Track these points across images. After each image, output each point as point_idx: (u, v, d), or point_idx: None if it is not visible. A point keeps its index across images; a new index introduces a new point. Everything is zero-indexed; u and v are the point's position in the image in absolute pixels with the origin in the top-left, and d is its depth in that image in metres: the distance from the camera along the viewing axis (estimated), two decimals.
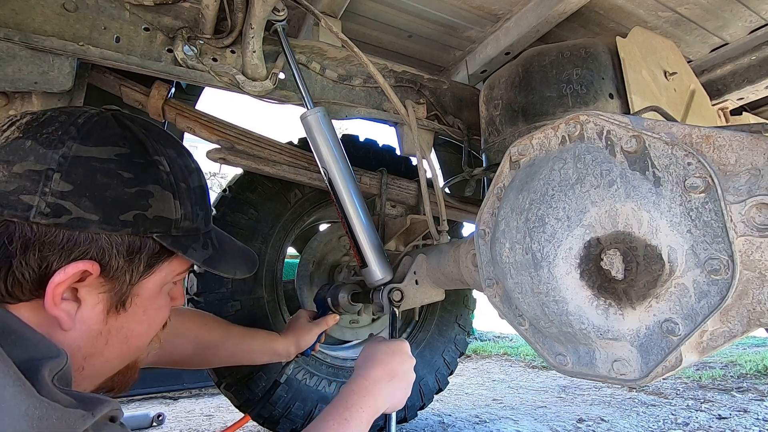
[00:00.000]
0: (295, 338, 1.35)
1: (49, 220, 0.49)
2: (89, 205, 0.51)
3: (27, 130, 0.52)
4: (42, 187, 0.49)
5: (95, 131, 0.54)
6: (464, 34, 1.85)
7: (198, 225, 0.63)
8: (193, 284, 1.66)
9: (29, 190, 0.49)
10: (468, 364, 4.19)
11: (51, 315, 0.50)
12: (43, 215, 0.49)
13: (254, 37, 1.26)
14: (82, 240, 0.51)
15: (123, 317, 0.57)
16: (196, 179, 0.64)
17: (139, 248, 0.55)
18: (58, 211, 0.49)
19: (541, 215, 0.75)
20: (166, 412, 2.35)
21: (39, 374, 0.40)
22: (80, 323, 0.53)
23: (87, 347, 0.54)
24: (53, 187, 0.49)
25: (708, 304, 0.59)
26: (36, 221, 0.48)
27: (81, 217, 0.50)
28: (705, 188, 0.60)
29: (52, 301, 0.50)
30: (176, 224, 0.59)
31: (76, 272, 0.50)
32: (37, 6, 1.09)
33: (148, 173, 0.56)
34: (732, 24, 1.73)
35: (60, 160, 0.50)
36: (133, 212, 0.54)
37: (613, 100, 1.39)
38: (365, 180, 1.73)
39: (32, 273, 0.49)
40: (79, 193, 0.50)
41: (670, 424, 2.21)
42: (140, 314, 0.59)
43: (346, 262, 1.96)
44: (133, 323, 0.59)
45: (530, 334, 0.85)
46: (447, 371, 2.21)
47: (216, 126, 1.48)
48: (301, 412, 1.73)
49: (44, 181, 0.49)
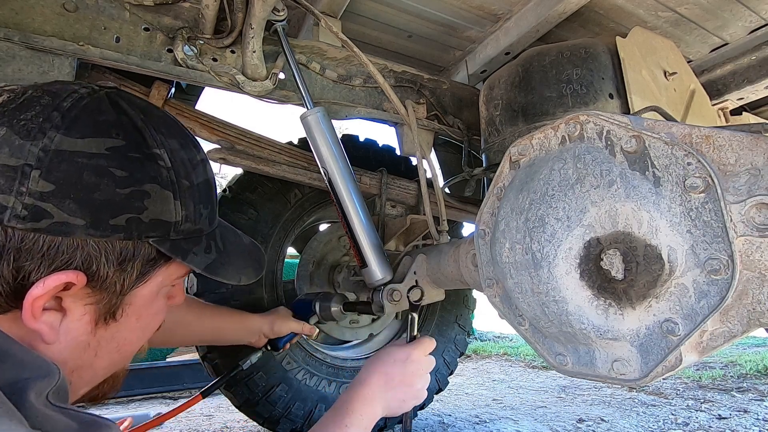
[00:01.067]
0: (270, 321, 1.35)
1: (26, 225, 0.42)
2: (74, 207, 0.43)
3: (1, 114, 0.44)
4: (18, 185, 0.41)
5: (84, 118, 0.46)
6: (464, 34, 1.85)
7: (201, 226, 0.56)
8: (193, 284, 1.65)
9: (3, 189, 0.41)
10: (468, 364, 4.19)
11: (30, 329, 0.44)
12: (19, 219, 0.41)
13: (254, 37, 1.26)
14: (66, 247, 0.43)
15: (114, 327, 0.51)
16: (201, 173, 0.57)
17: (132, 255, 0.48)
18: (38, 214, 0.42)
19: (541, 215, 0.75)
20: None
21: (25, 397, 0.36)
22: (65, 335, 0.46)
23: (74, 360, 0.49)
24: (31, 187, 0.42)
25: (708, 304, 0.59)
26: (11, 225, 0.41)
27: (64, 222, 0.43)
28: (705, 188, 0.60)
29: (31, 315, 0.43)
30: (176, 227, 0.51)
31: (57, 285, 0.43)
32: (37, 6, 1.09)
33: (146, 170, 0.48)
34: (732, 24, 1.73)
35: (40, 154, 0.42)
36: (126, 216, 0.46)
37: (613, 100, 1.39)
38: (365, 180, 1.73)
39: (6, 285, 0.42)
40: (63, 194, 0.43)
41: (670, 424, 2.21)
42: (133, 322, 0.53)
43: (346, 262, 1.95)
44: (126, 332, 0.53)
45: (530, 334, 0.85)
46: (447, 371, 2.21)
47: (216, 126, 1.48)
48: (301, 412, 1.73)
49: (21, 179, 0.41)
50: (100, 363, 0.52)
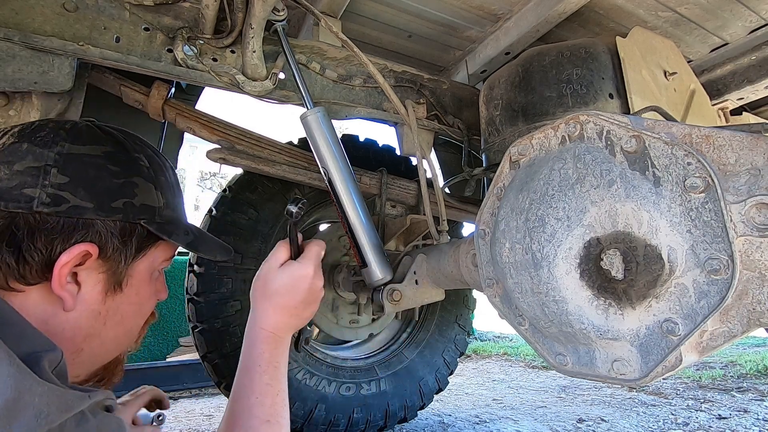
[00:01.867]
0: None
1: (50, 209, 0.54)
2: (84, 194, 0.57)
3: (21, 136, 0.58)
4: (42, 180, 0.55)
5: (82, 134, 0.61)
6: (464, 34, 1.85)
7: (178, 215, 0.69)
8: (193, 284, 1.66)
9: (30, 184, 0.54)
10: (468, 364, 4.19)
11: (57, 296, 0.55)
12: (44, 205, 0.54)
13: (254, 37, 1.26)
14: (81, 225, 0.56)
15: (119, 298, 0.62)
16: (172, 175, 0.71)
17: (130, 233, 0.61)
18: (58, 200, 0.55)
19: (541, 215, 0.75)
20: (166, 412, 2.35)
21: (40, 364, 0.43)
22: (81, 304, 0.58)
23: (87, 327, 0.59)
24: (52, 180, 0.55)
25: (708, 304, 0.59)
26: (39, 210, 0.54)
27: (78, 206, 0.56)
28: (705, 188, 0.60)
29: (59, 282, 0.54)
30: (159, 212, 0.65)
31: (80, 252, 0.55)
32: (37, 6, 1.09)
33: (132, 167, 0.63)
34: (732, 24, 1.73)
35: (56, 157, 0.56)
36: (123, 200, 0.60)
37: (613, 100, 1.39)
38: (365, 180, 1.73)
39: (39, 255, 0.54)
40: (75, 185, 0.56)
41: (670, 424, 2.21)
42: (133, 296, 0.64)
43: (346, 262, 1.96)
44: (127, 305, 0.63)
45: (530, 334, 0.85)
46: (447, 371, 2.21)
47: (216, 126, 1.48)
48: (301, 412, 1.73)
49: (43, 176, 0.55)
50: (107, 333, 0.62)
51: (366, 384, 1.93)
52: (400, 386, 2.02)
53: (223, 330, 1.64)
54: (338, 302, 1.96)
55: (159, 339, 3.79)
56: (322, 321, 1.92)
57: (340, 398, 1.84)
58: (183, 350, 3.71)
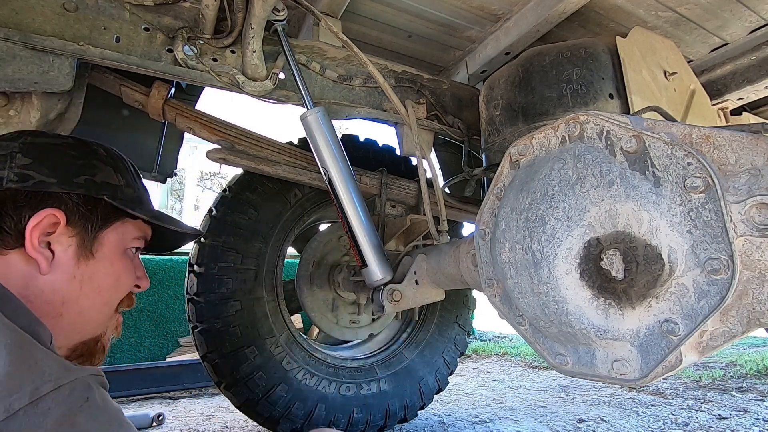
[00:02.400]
0: None
1: (18, 185, 0.62)
2: (48, 172, 0.64)
3: None
4: (9, 163, 0.63)
5: (44, 132, 0.70)
6: (464, 34, 1.85)
7: (140, 196, 0.75)
8: (193, 284, 1.66)
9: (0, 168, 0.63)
10: (468, 364, 4.19)
11: (32, 258, 0.61)
12: (12, 182, 0.62)
13: (254, 37, 1.26)
14: (47, 197, 0.64)
15: (93, 264, 0.67)
16: (130, 165, 0.78)
17: (94, 204, 0.67)
18: (24, 177, 0.63)
19: (541, 215, 0.75)
20: (166, 412, 2.35)
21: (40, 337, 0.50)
22: (57, 267, 0.64)
23: (65, 291, 0.64)
24: (18, 162, 0.63)
25: (708, 304, 0.59)
26: (8, 187, 0.62)
27: (43, 181, 0.64)
28: (705, 188, 0.60)
29: (31, 244, 0.61)
30: (120, 190, 0.71)
31: (47, 215, 0.62)
32: (37, 6, 1.09)
33: (91, 153, 0.71)
34: (732, 24, 1.73)
35: (20, 145, 0.65)
36: (84, 177, 0.67)
37: (613, 100, 1.39)
38: (365, 180, 1.73)
39: (12, 221, 0.61)
40: (39, 164, 0.65)
41: (670, 424, 2.21)
42: (108, 265, 0.69)
43: (346, 262, 1.96)
44: (102, 274, 0.68)
45: (530, 334, 0.85)
46: (447, 371, 2.21)
47: (216, 126, 1.48)
48: (301, 412, 1.73)
49: (10, 160, 0.63)
50: (84, 300, 0.66)
51: (366, 384, 1.93)
52: (400, 386, 2.02)
53: (223, 330, 1.64)
54: (338, 302, 1.96)
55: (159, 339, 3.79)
56: (322, 321, 1.92)
57: (340, 398, 1.84)
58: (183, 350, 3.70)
